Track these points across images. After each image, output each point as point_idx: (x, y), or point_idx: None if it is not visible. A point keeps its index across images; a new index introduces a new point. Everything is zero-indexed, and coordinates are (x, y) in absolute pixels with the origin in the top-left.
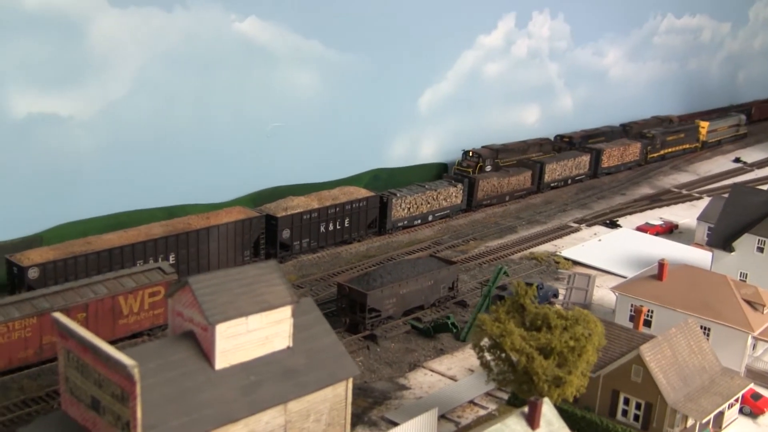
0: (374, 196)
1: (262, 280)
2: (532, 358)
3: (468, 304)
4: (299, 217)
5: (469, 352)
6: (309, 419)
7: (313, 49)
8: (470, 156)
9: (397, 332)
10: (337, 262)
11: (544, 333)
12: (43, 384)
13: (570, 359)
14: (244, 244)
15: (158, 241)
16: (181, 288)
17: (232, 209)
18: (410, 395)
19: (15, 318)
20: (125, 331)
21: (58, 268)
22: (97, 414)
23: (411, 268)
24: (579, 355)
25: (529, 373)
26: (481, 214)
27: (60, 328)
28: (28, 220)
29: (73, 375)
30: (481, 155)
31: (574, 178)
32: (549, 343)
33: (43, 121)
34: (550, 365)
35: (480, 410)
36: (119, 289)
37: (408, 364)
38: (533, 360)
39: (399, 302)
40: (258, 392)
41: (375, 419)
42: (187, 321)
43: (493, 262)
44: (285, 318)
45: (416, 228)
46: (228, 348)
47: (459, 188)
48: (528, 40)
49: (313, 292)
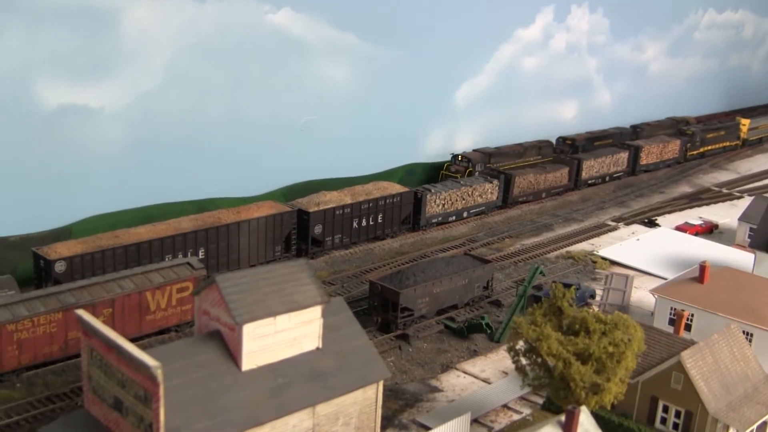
0: (408, 191)
1: (291, 279)
2: (569, 363)
3: (503, 303)
4: (332, 212)
5: (503, 353)
6: (338, 422)
7: (348, 41)
8: (459, 160)
9: (430, 332)
10: (369, 258)
11: (582, 338)
12: (68, 380)
13: (608, 365)
14: (275, 240)
15: (187, 235)
16: (208, 286)
17: (263, 204)
18: (442, 398)
19: (40, 313)
20: (152, 327)
21: (86, 261)
22: (120, 414)
23: (445, 266)
24: (618, 362)
25: (566, 379)
26: (517, 211)
27: (84, 325)
28: (57, 212)
29: (96, 374)
30: (471, 159)
31: (612, 175)
32: (587, 349)
33: (73, 112)
34: (587, 371)
35: (514, 415)
36: (146, 284)
37: (440, 365)
38: (570, 366)
39: (432, 301)
40: (285, 394)
41: (406, 422)
42: (213, 320)
43: (528, 261)
44: (314, 318)
45: (451, 225)
46: (255, 349)
47: (495, 184)
48: (566, 34)
49: (344, 289)
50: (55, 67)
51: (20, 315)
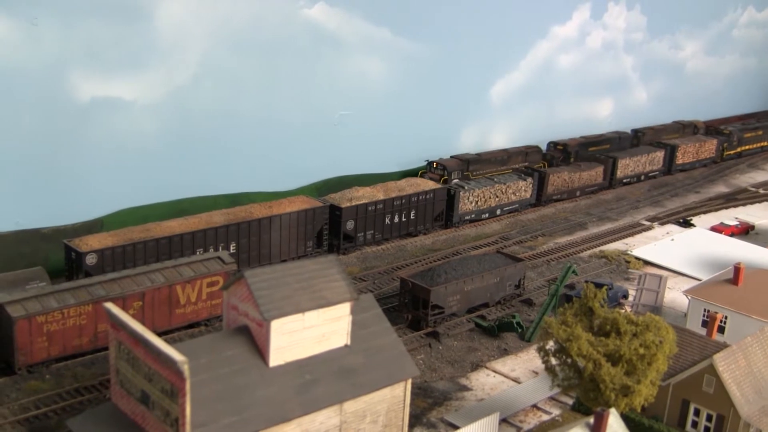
0: (441, 188)
1: (320, 275)
2: (600, 364)
3: (534, 302)
4: (364, 208)
5: (533, 353)
6: (365, 420)
7: (383, 36)
8: (434, 168)
9: (461, 330)
10: (401, 255)
11: (613, 339)
12: (97, 372)
13: (639, 367)
14: (307, 235)
15: (219, 229)
16: (236, 281)
17: (295, 198)
18: (471, 396)
19: (70, 305)
20: (182, 321)
21: (116, 254)
22: (147, 408)
23: (477, 264)
24: (649, 364)
25: (596, 381)
26: (551, 209)
27: (112, 318)
28: (90, 204)
29: (124, 367)
30: (446, 167)
31: (647, 174)
32: (618, 350)
33: (107, 105)
34: (618, 373)
35: (543, 415)
36: (177, 278)
37: (470, 364)
38: (600, 367)
39: (463, 299)
40: (313, 391)
41: (434, 421)
42: (242, 315)
43: (561, 260)
44: (343, 315)
45: (483, 222)
46: (283, 345)
47: (529, 182)
48: (603, 32)
49: (375, 285)
50: (89, 61)
51: (50, 307)
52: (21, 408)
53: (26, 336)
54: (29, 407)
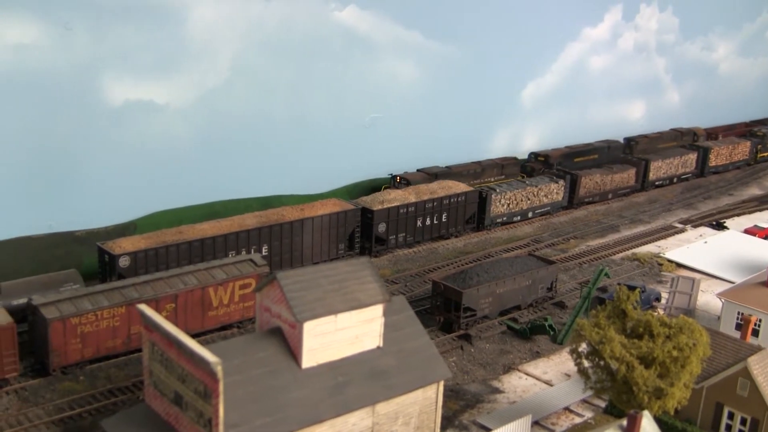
0: (473, 191)
1: (353, 277)
2: (633, 367)
3: (566, 305)
4: (396, 210)
5: (565, 355)
6: (397, 422)
7: (414, 39)
8: (398, 182)
9: (492, 332)
10: (433, 257)
11: (646, 341)
12: (130, 374)
13: (672, 370)
14: (339, 237)
15: (251, 232)
16: (269, 283)
17: (327, 201)
18: (503, 399)
19: (104, 307)
20: (214, 323)
21: (149, 257)
22: (180, 409)
23: (509, 266)
24: (682, 366)
25: (629, 383)
26: (583, 211)
27: (145, 320)
28: (123, 207)
29: (157, 369)
30: (409, 182)
31: (680, 176)
32: (651, 353)
33: (139, 108)
34: (651, 376)
35: (576, 418)
36: (209, 280)
37: (502, 366)
38: (633, 369)
39: (495, 302)
40: (345, 393)
41: (466, 423)
42: (274, 317)
43: (593, 262)
44: (376, 317)
45: (515, 225)
46: (316, 346)
47: (561, 185)
48: (635, 33)
49: (407, 288)
50: (121, 64)
51: (84, 309)
52: (56, 408)
53: (60, 337)
54: (64, 408)
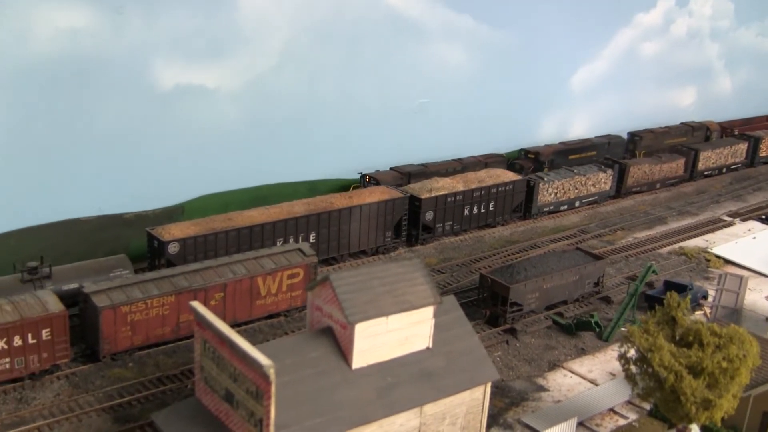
0: (521, 179)
1: (405, 279)
2: (681, 377)
3: (612, 300)
4: (443, 199)
5: (611, 354)
6: (444, 422)
7: (464, 24)
8: (368, 181)
9: (538, 327)
10: (479, 246)
11: (696, 350)
12: (178, 362)
13: (721, 381)
14: (386, 225)
15: (299, 219)
16: (321, 283)
17: (375, 189)
18: (548, 397)
19: (154, 295)
20: (262, 312)
21: (198, 243)
22: (231, 407)
23: (556, 261)
24: (731, 378)
25: (677, 393)
26: (630, 201)
27: (198, 317)
28: (171, 190)
29: (209, 365)
30: (379, 182)
31: (729, 166)
32: (700, 363)
33: (189, 92)
34: (699, 386)
35: (620, 419)
36: (258, 269)
37: (547, 363)
38: (682, 379)
39: (542, 296)
40: (394, 394)
41: (511, 422)
42: (325, 316)
43: (640, 256)
44: (426, 318)
45: (562, 214)
46: (366, 347)
47: (609, 174)
48: (688, 19)
49: (453, 278)
50: (172, 48)
51: (134, 297)
52: (105, 396)
53: (111, 325)
54: (113, 395)
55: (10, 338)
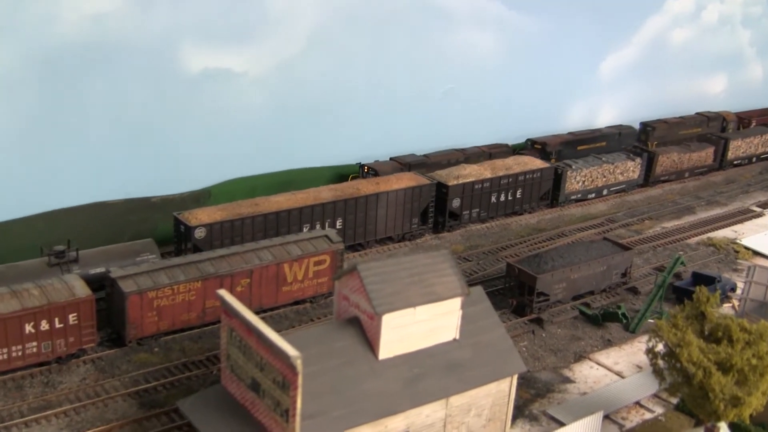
0: (549, 167)
1: (432, 270)
2: (710, 373)
3: (639, 291)
4: (470, 186)
5: (637, 345)
6: (470, 414)
7: (494, 9)
8: (366, 172)
9: (565, 317)
10: (505, 234)
11: (725, 346)
12: (204, 347)
13: (751, 378)
14: (413, 212)
15: (326, 205)
16: (349, 273)
17: (402, 175)
18: (574, 389)
19: (180, 281)
20: (288, 298)
21: (225, 228)
22: (257, 396)
23: (584, 251)
24: (761, 375)
25: (705, 389)
26: (658, 190)
27: (224, 306)
28: (198, 174)
29: (235, 354)
30: (377, 172)
31: (760, 156)
32: (729, 359)
33: (217, 76)
34: (728, 383)
35: (646, 413)
36: (285, 256)
37: (573, 354)
38: (711, 376)
39: (569, 287)
40: (420, 385)
41: (536, 413)
42: (352, 306)
43: (668, 246)
44: (454, 310)
45: (590, 202)
46: (393, 338)
47: (637, 162)
48: (720, 5)
49: (480, 266)
50: (200, 33)
51: (161, 283)
52: (131, 381)
53: (137, 310)
54: (139, 380)
55: (38, 322)
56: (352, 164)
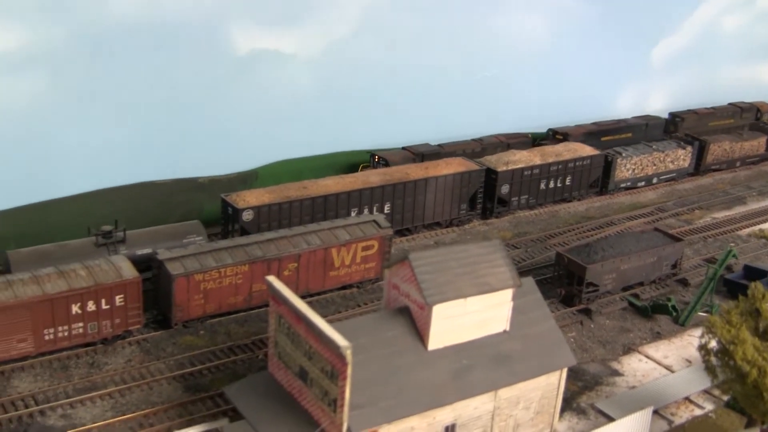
0: (599, 154)
1: (484, 260)
2: (765, 372)
3: (689, 283)
4: (520, 172)
5: (687, 339)
6: (518, 406)
7: None
8: (377, 161)
9: (613, 308)
10: (554, 221)
11: None
12: (249, 331)
13: None
14: (461, 198)
15: (374, 189)
16: (400, 261)
17: (451, 160)
18: (623, 383)
19: (227, 264)
20: (335, 283)
21: (273, 211)
22: (304, 384)
23: (634, 242)
24: None
25: (759, 388)
26: (709, 179)
27: (273, 292)
28: (245, 155)
29: (283, 341)
30: (388, 162)
31: None
32: None
33: (265, 57)
34: None
35: (696, 409)
36: (333, 241)
37: (622, 346)
38: (766, 375)
39: (618, 278)
40: (470, 376)
41: (584, 407)
42: (402, 295)
43: (719, 237)
44: (505, 301)
45: (639, 190)
46: (443, 329)
47: (688, 151)
48: None
49: (528, 254)
50: (249, 14)
51: (208, 266)
52: (177, 364)
53: (184, 293)
54: (185, 364)
55: (84, 303)
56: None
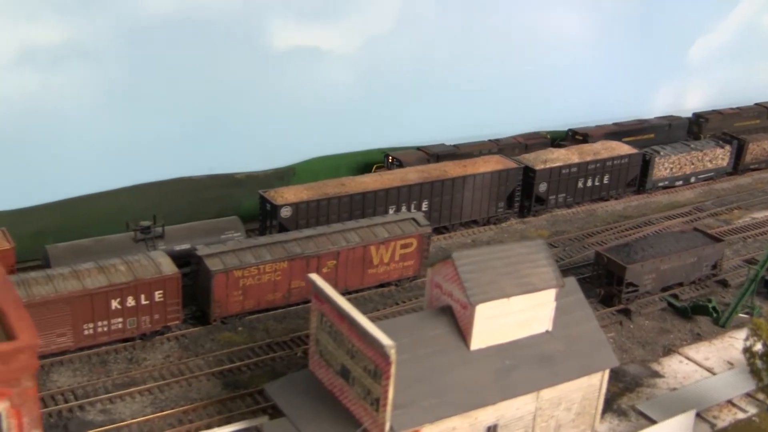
0: (637, 153)
1: (527, 260)
2: None
3: (730, 284)
4: (558, 170)
5: (728, 341)
6: (559, 407)
7: None
8: (390, 162)
9: (653, 308)
10: (591, 220)
11: None
12: (288, 328)
13: None
14: (499, 196)
15: (413, 187)
16: (443, 261)
17: (489, 158)
18: (663, 384)
19: (266, 261)
20: (373, 281)
21: (311, 208)
22: (346, 383)
23: (674, 242)
24: None
25: None
26: (747, 178)
27: (316, 290)
28: (282, 151)
29: (325, 339)
30: (402, 162)
31: None
32: None
33: (303, 53)
34: None
35: (738, 412)
36: (371, 238)
37: (662, 347)
38: None
39: (658, 278)
40: (512, 377)
41: (625, 408)
42: (445, 295)
43: (759, 238)
44: (548, 301)
45: (677, 189)
46: (486, 329)
47: (726, 150)
48: None
49: (566, 253)
50: (287, 10)
51: (247, 262)
52: (215, 360)
53: (223, 289)
54: (223, 360)
55: (124, 298)
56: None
